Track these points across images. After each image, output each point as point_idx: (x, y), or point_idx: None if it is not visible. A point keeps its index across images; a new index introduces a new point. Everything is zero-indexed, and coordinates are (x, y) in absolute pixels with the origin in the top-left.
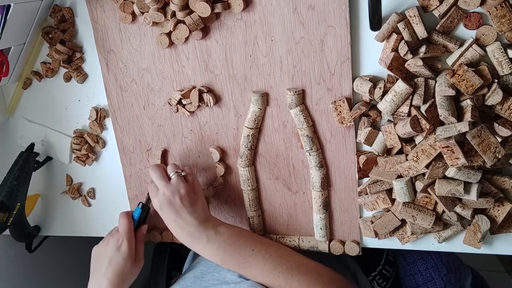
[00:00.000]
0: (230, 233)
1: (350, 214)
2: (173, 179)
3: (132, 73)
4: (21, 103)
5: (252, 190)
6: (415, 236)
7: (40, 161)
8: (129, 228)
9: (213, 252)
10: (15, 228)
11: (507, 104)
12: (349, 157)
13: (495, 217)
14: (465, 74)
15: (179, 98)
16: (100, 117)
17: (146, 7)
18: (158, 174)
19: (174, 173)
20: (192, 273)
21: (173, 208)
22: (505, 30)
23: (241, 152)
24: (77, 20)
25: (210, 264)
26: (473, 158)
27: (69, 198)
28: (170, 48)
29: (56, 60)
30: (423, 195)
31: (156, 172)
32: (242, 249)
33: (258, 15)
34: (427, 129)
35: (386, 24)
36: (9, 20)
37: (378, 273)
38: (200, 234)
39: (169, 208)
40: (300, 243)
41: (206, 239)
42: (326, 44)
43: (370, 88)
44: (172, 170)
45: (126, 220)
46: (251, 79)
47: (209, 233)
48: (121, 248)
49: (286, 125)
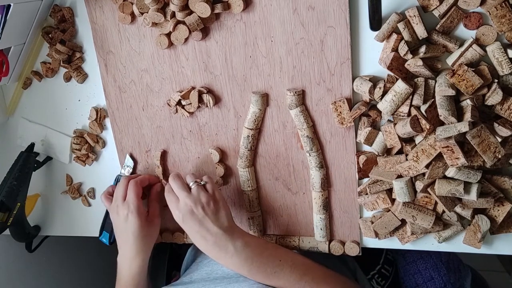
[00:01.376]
0: (256, 244)
1: (350, 214)
2: (193, 189)
3: (131, 74)
4: (21, 103)
5: (252, 190)
6: (415, 236)
7: (40, 161)
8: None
9: (241, 263)
10: (15, 228)
11: (507, 104)
12: (349, 157)
13: (495, 217)
14: (465, 74)
15: (179, 99)
16: (100, 117)
17: (145, 8)
18: (178, 184)
19: (193, 183)
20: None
21: (196, 218)
22: (505, 30)
23: (241, 153)
24: (77, 20)
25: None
26: (473, 158)
27: (69, 198)
28: (169, 48)
29: (56, 60)
30: (423, 195)
31: (177, 182)
32: (269, 260)
33: (258, 16)
34: (427, 129)
35: (386, 24)
36: (9, 20)
37: (377, 272)
38: (225, 244)
39: (192, 219)
40: (300, 243)
41: (233, 250)
42: (326, 44)
43: (370, 88)
44: (191, 180)
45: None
46: (251, 80)
47: (236, 244)
48: (129, 219)
49: (286, 126)
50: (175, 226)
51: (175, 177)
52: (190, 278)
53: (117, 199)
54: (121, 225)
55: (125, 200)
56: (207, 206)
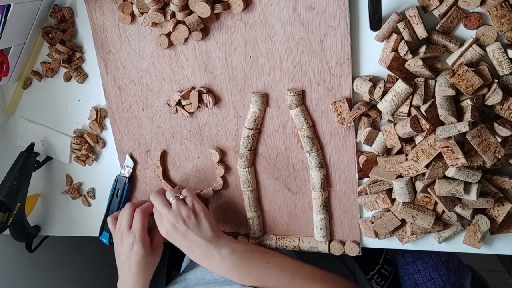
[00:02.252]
0: (243, 250)
1: (350, 215)
2: (173, 204)
3: (131, 74)
4: (21, 103)
5: (252, 191)
6: (415, 236)
7: (40, 161)
8: (142, 226)
9: (229, 270)
10: (15, 228)
11: (507, 104)
12: (349, 157)
13: (495, 217)
14: (465, 74)
15: (179, 99)
16: (100, 117)
17: (145, 8)
18: (159, 201)
19: (173, 198)
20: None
21: (179, 232)
22: (505, 30)
23: (241, 153)
24: (77, 20)
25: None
26: (473, 158)
27: (69, 198)
28: (169, 49)
29: (56, 60)
30: (423, 195)
31: (158, 199)
32: (257, 264)
33: (258, 16)
34: (427, 129)
35: (386, 24)
36: (9, 20)
37: (377, 272)
38: (211, 252)
39: (175, 233)
40: (300, 243)
41: (220, 258)
42: (326, 44)
43: (370, 88)
44: (171, 195)
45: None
46: (251, 80)
47: (221, 252)
48: (134, 249)
49: (286, 126)
50: None
51: (156, 194)
52: (184, 278)
53: (122, 227)
54: (124, 253)
55: (131, 229)
56: (188, 219)
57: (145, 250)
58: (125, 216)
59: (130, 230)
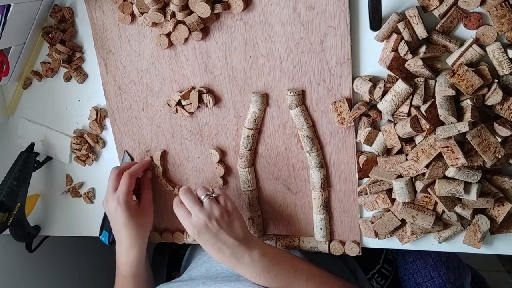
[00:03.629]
0: (273, 254)
1: (350, 215)
2: (205, 202)
3: (131, 74)
4: (21, 103)
5: (252, 190)
6: (415, 236)
7: (40, 161)
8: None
9: (258, 273)
10: (15, 228)
11: (507, 104)
12: (349, 157)
13: (495, 217)
14: (465, 74)
15: (179, 99)
16: (100, 117)
17: (145, 8)
18: (190, 199)
19: (205, 196)
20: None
21: (211, 232)
22: (505, 30)
23: (241, 153)
24: (77, 20)
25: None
26: (473, 158)
27: (69, 198)
28: (169, 48)
29: (56, 60)
30: (423, 195)
31: (188, 197)
32: (286, 270)
33: (258, 16)
34: (427, 129)
35: (386, 24)
36: (9, 20)
37: (377, 271)
38: (242, 255)
39: (206, 233)
40: (300, 243)
41: (250, 260)
42: (326, 44)
43: (370, 88)
44: (203, 193)
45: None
46: (251, 80)
47: (252, 254)
48: (118, 211)
49: (286, 126)
50: (175, 226)
51: (186, 192)
52: (190, 275)
53: (108, 190)
54: (111, 216)
55: (115, 192)
56: (221, 218)
57: (129, 212)
58: (111, 180)
59: (115, 192)
